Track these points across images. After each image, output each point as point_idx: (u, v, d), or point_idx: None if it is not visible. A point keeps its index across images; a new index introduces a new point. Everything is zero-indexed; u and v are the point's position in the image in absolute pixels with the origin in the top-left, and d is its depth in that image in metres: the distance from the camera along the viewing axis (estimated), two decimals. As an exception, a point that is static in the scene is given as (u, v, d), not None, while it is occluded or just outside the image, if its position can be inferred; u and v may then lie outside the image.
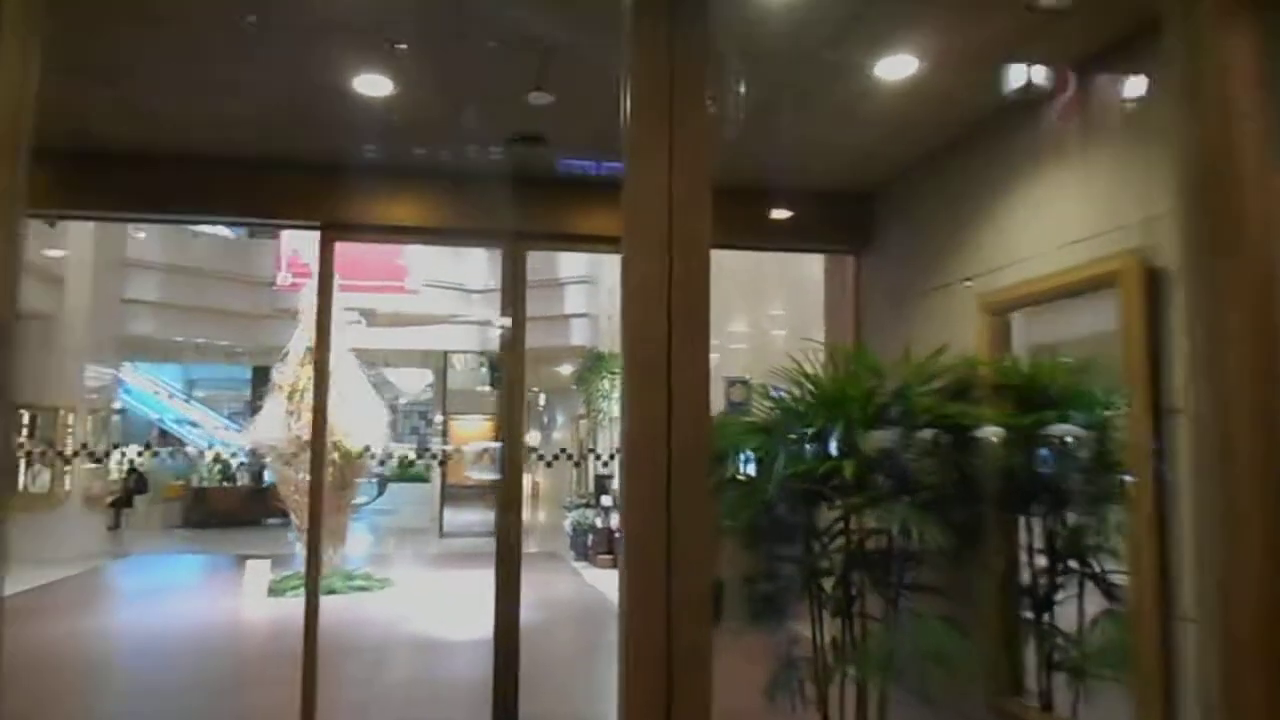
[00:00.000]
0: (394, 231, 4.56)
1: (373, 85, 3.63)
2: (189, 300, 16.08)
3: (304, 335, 11.01)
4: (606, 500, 13.31)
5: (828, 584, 3.75)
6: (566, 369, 20.62)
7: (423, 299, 16.61)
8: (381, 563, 14.30)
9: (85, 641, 8.00)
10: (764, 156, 4.50)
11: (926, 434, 3.71)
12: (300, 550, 10.85)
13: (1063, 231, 3.70)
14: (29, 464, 12.81)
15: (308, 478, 10.78)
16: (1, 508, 2.07)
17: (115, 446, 14.99)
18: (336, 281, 11.48)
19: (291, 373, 10.82)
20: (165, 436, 22.93)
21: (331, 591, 10.37)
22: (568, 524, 13.92)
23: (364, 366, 11.79)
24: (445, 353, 18.11)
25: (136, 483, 19.04)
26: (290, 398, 10.68)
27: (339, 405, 10.77)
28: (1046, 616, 4.10)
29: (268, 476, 17.08)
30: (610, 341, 14.45)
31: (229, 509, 17.24)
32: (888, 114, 4.10)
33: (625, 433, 2.12)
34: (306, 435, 10.70)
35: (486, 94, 3.74)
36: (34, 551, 12.60)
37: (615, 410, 13.76)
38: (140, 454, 19.95)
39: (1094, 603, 4.06)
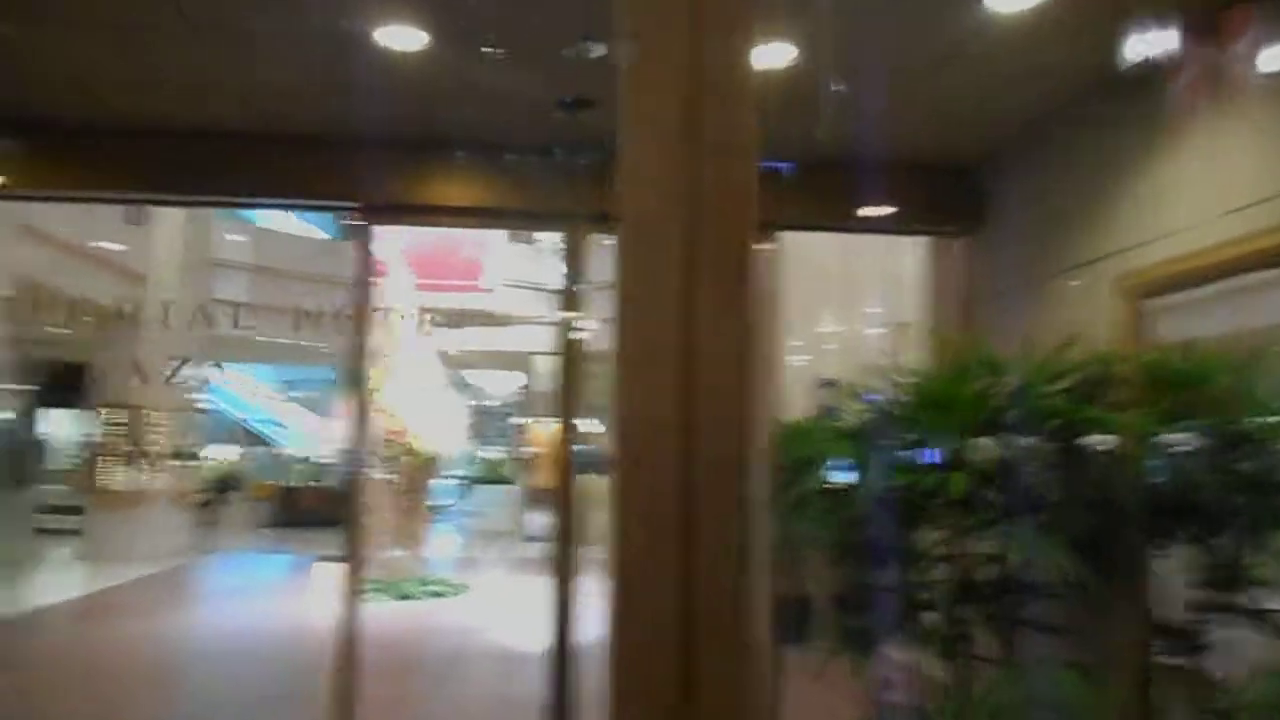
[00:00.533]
0: (442, 213, 4.13)
1: (407, 40, 3.20)
2: (277, 300, 16.13)
3: (378, 335, 10.79)
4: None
5: (929, 617, 3.14)
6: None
7: (506, 299, 16.33)
8: (462, 566, 14.06)
9: (148, 644, 7.85)
10: (855, 124, 3.92)
11: (1052, 442, 3.07)
12: (381, 554, 10.63)
13: (1228, 195, 3.02)
14: (117, 462, 12.97)
15: (384, 478, 10.64)
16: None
17: (197, 446, 15.13)
18: (409, 279, 11.27)
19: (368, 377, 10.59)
20: (258, 437, 23.32)
21: (406, 597, 10.10)
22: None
23: (443, 369, 11.52)
24: (529, 354, 17.81)
25: (229, 482, 19.32)
26: (367, 400, 10.43)
27: (412, 407, 10.53)
28: (1196, 662, 3.40)
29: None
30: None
31: (317, 508, 17.28)
32: (1000, 63, 3.48)
33: (613, 438, 1.43)
34: (382, 436, 10.53)
35: (540, 49, 3.27)
36: (122, 549, 12.75)
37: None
38: (239, 455, 20.30)
39: (1256, 647, 3.37)
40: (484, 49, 3.25)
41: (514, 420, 21.36)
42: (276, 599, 10.29)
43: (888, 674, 3.34)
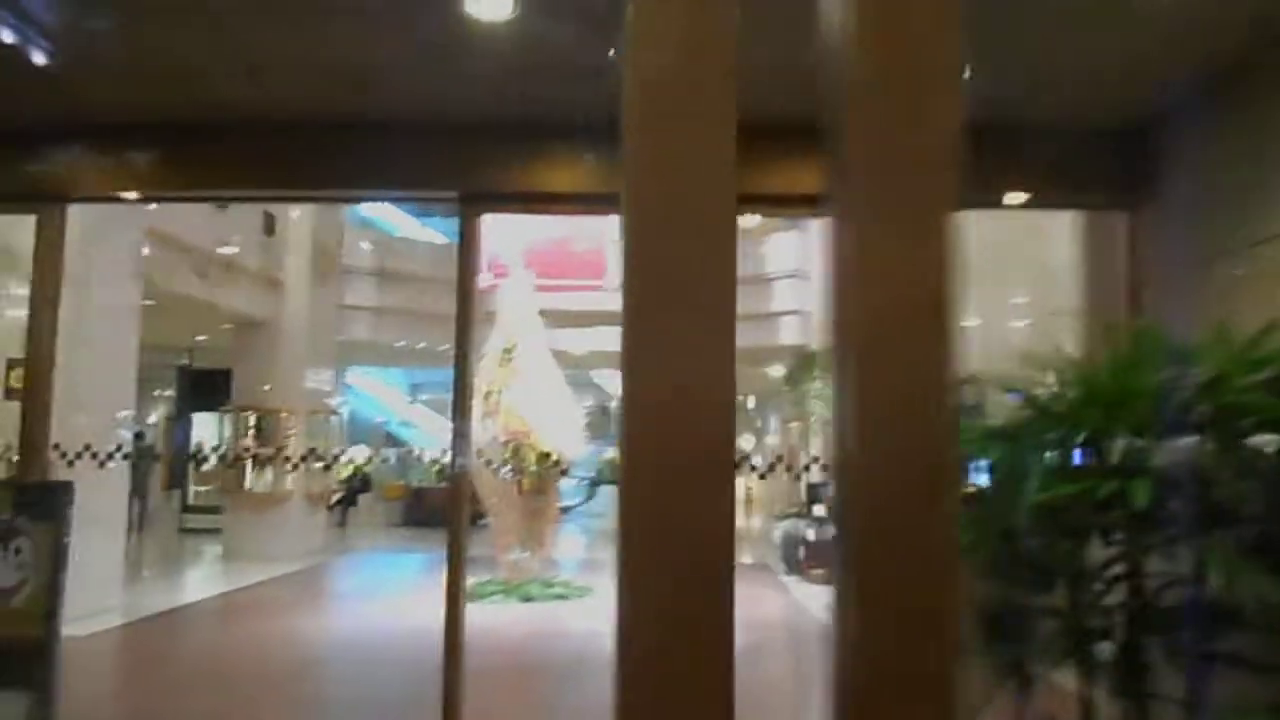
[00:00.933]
0: (544, 200, 3.89)
1: (497, 9, 2.97)
2: (404, 304, 16.49)
3: (499, 336, 10.77)
4: (819, 510, 12.29)
5: (1102, 646, 2.69)
6: (777, 370, 19.67)
7: (611, 299, 16.22)
8: (587, 569, 13.96)
9: (274, 644, 7.97)
10: (999, 82, 3.48)
11: (1253, 444, 2.57)
12: (506, 555, 10.60)
13: None
14: (255, 465, 13.43)
15: (506, 479, 10.61)
16: None
17: (333, 448, 15.53)
18: (529, 280, 11.19)
19: (487, 374, 10.57)
20: (390, 438, 23.98)
21: (528, 599, 10.03)
22: (778, 534, 13.00)
23: (561, 367, 11.39)
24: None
25: (361, 482, 19.90)
26: (486, 399, 10.42)
27: (535, 407, 10.44)
28: None
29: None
30: (822, 339, 13.41)
31: (445, 508, 17.57)
32: (1170, 10, 2.99)
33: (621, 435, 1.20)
34: (503, 437, 10.49)
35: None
36: (259, 548, 13.18)
37: (827, 413, 12.68)
38: (369, 458, 20.89)
39: None
40: (610, 54, 2.99)
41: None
42: (404, 598, 10.37)
43: (1048, 708, 2.90)
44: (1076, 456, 2.74)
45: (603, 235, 13.12)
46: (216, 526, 14.38)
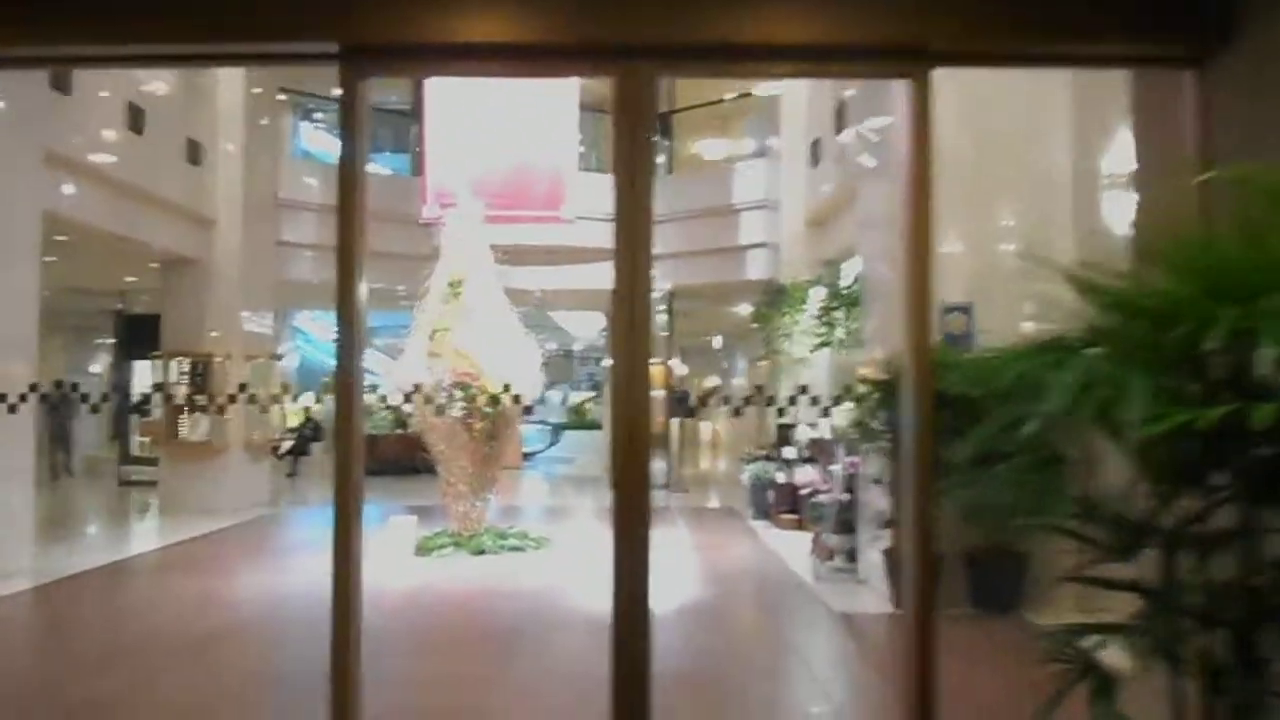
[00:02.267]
0: (453, 56, 3.00)
1: None
2: (330, 239, 15.44)
3: (445, 271, 9.90)
4: (789, 452, 11.67)
5: (1201, 642, 1.99)
6: (745, 309, 18.94)
7: (582, 231, 15.33)
8: (548, 517, 13.30)
9: (191, 610, 7.20)
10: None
11: None
12: (457, 506, 9.86)
13: None
14: (189, 411, 12.53)
15: (453, 423, 9.81)
16: None
17: (281, 394, 14.62)
18: (478, 210, 10.29)
19: (432, 311, 9.73)
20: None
21: (480, 552, 9.33)
22: (745, 478, 12.38)
23: (520, 307, 10.54)
24: (612, 291, 16.80)
25: (312, 430, 19.02)
26: (431, 338, 9.59)
27: (484, 346, 9.63)
28: None
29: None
30: (792, 273, 12.67)
31: (400, 456, 16.77)
32: None
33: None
34: (450, 379, 9.69)
35: None
36: (197, 501, 12.35)
37: (798, 350, 12.02)
38: (317, 401, 19.96)
39: None
40: None
41: (604, 363, 20.47)
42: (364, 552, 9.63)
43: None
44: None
45: (560, 160, 12.15)
46: (155, 479, 13.54)
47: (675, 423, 16.72)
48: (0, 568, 7.84)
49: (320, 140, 20.93)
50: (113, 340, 18.98)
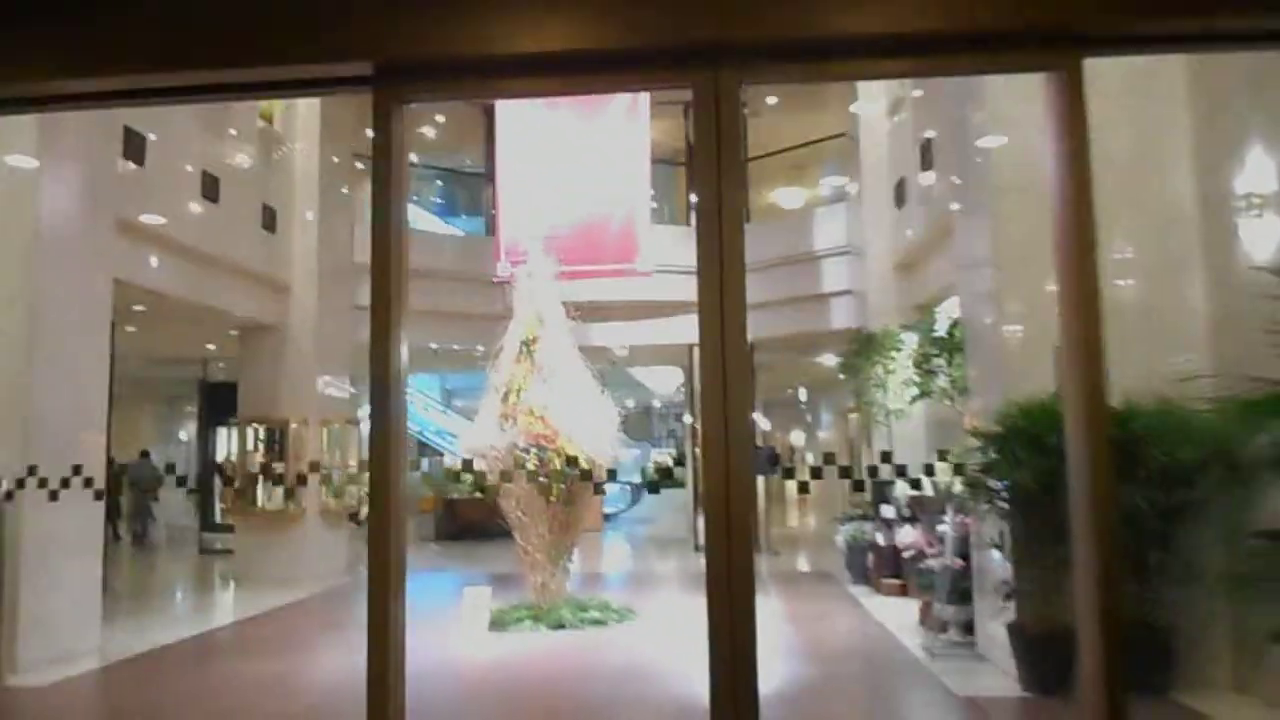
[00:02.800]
0: (503, 70, 2.54)
1: None
2: (425, 304, 15.30)
3: (517, 330, 9.52)
4: (888, 511, 10.87)
5: None
6: (829, 359, 18.22)
7: (659, 285, 14.91)
8: (630, 584, 12.68)
9: (255, 692, 6.77)
10: None
11: None
12: (534, 575, 9.34)
13: None
14: (264, 479, 12.35)
15: (527, 485, 9.34)
16: None
17: (352, 462, 14.41)
18: (551, 266, 9.93)
19: (506, 371, 9.34)
20: (424, 448, 22.89)
21: (560, 626, 8.76)
22: (841, 539, 11.60)
23: (597, 365, 10.08)
24: (690, 346, 16.28)
25: (391, 495, 18.80)
26: (505, 399, 9.19)
27: (559, 406, 9.18)
28: None
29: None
30: (880, 320, 11.98)
31: (481, 521, 16.39)
32: None
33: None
34: (523, 441, 9.25)
35: None
36: (273, 571, 12.10)
37: (892, 401, 11.28)
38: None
39: None
40: None
41: (685, 419, 19.86)
42: (420, 627, 9.16)
43: None
44: None
45: (632, 212, 11.76)
46: (231, 548, 13.39)
47: (760, 480, 15.99)
48: (67, 647, 7.59)
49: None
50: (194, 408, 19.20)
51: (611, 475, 10.46)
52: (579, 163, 11.58)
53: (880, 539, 10.70)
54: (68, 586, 7.71)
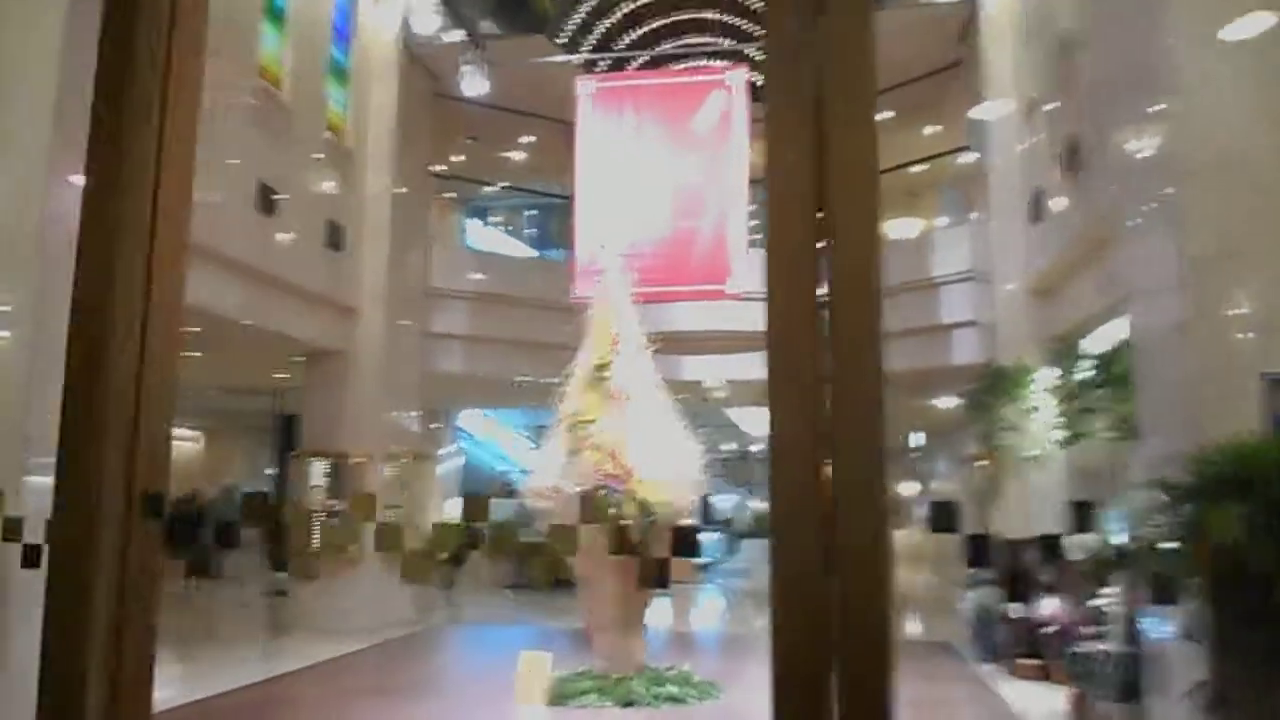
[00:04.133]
0: None
1: None
2: (499, 332, 14.34)
3: (589, 355, 8.34)
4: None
5: None
6: (946, 402, 16.46)
7: (759, 315, 13.57)
8: (719, 650, 11.22)
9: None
10: None
11: None
12: (602, 638, 8.02)
13: None
14: (327, 516, 11.41)
15: (594, 532, 8.05)
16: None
17: (432, 499, 13.44)
18: (629, 288, 8.72)
19: (574, 400, 8.14)
20: (509, 488, 21.89)
21: (629, 703, 7.40)
22: (967, 607, 9.92)
23: (684, 402, 8.77)
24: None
25: (470, 538, 17.75)
26: (571, 431, 7.98)
27: (634, 443, 7.91)
28: None
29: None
30: (1013, 352, 10.35)
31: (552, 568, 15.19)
32: None
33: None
34: (592, 480, 8.01)
35: None
36: (329, 618, 11.11)
37: (1029, 447, 9.65)
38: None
39: None
40: None
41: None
42: (475, 698, 7.95)
43: None
44: None
45: (725, 228, 10.45)
46: (286, 592, 12.52)
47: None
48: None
49: (488, 237, 20.42)
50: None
51: (684, 539, 9.06)
52: (666, 172, 10.41)
53: (1013, 611, 9.01)
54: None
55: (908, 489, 26.48)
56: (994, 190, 11.03)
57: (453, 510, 18.98)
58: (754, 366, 15.00)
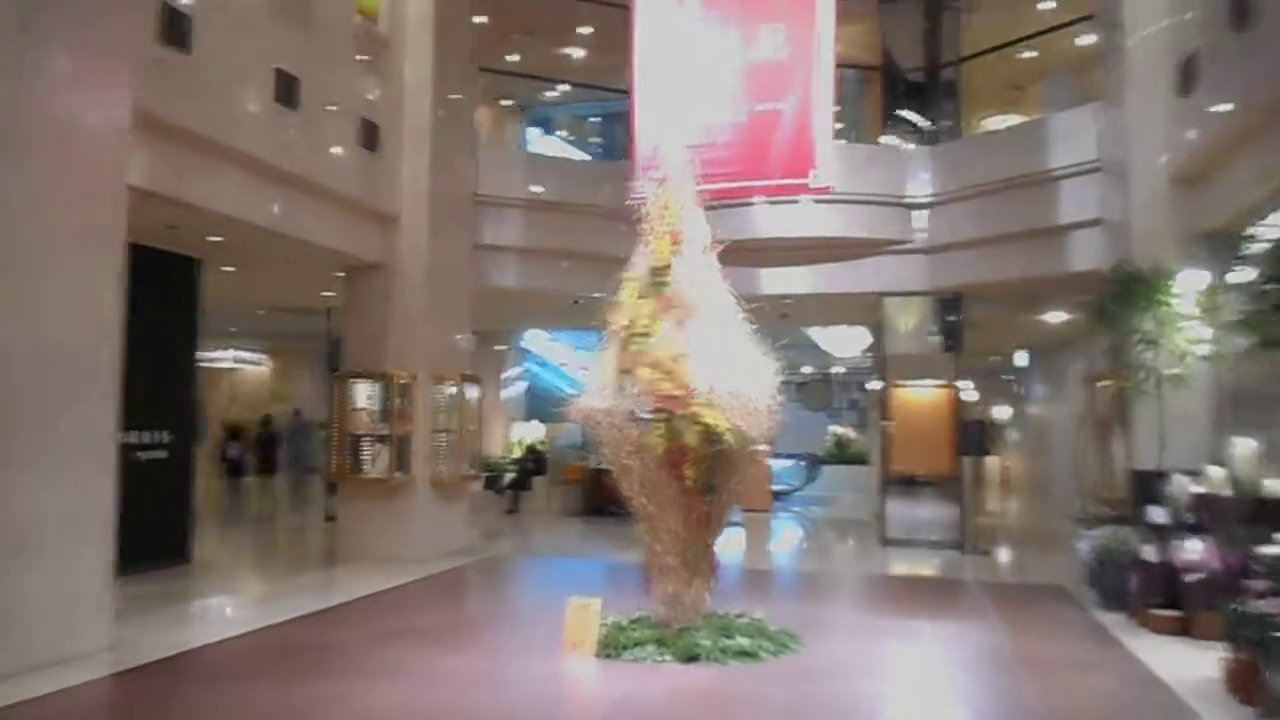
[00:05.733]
0: None
1: None
2: (558, 244, 13.19)
3: (645, 258, 7.09)
4: (1155, 514, 7.81)
5: None
6: (1055, 316, 14.85)
7: (841, 218, 12.10)
8: (800, 592, 10.15)
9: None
10: None
11: None
12: (662, 584, 6.94)
13: None
14: (372, 441, 10.59)
15: (650, 464, 6.87)
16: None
17: (469, 425, 12.54)
18: (691, 174, 7.36)
19: (628, 311, 6.95)
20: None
21: (693, 658, 6.35)
22: (1084, 546, 8.59)
23: (757, 320, 7.43)
24: (878, 295, 13.37)
25: (535, 463, 16.96)
26: (625, 345, 6.82)
27: (699, 361, 6.71)
28: None
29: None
30: (1150, 254, 8.78)
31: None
32: None
33: None
34: (647, 404, 6.88)
35: None
36: (377, 548, 10.41)
37: (1168, 364, 8.20)
38: (545, 433, 17.92)
39: None
40: None
41: (870, 385, 16.98)
42: (515, 648, 7.03)
43: None
44: None
45: (809, 113, 8.95)
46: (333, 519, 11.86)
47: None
48: (70, 647, 5.92)
49: (551, 148, 19.13)
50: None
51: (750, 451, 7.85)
52: (739, 46, 8.95)
53: (1148, 553, 7.66)
54: (66, 573, 6.02)
55: (1000, 412, 24.78)
56: (1130, 62, 9.28)
57: (520, 434, 18.18)
58: (836, 279, 13.65)
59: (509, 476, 16.58)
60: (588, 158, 19.49)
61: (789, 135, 8.78)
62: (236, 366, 23.41)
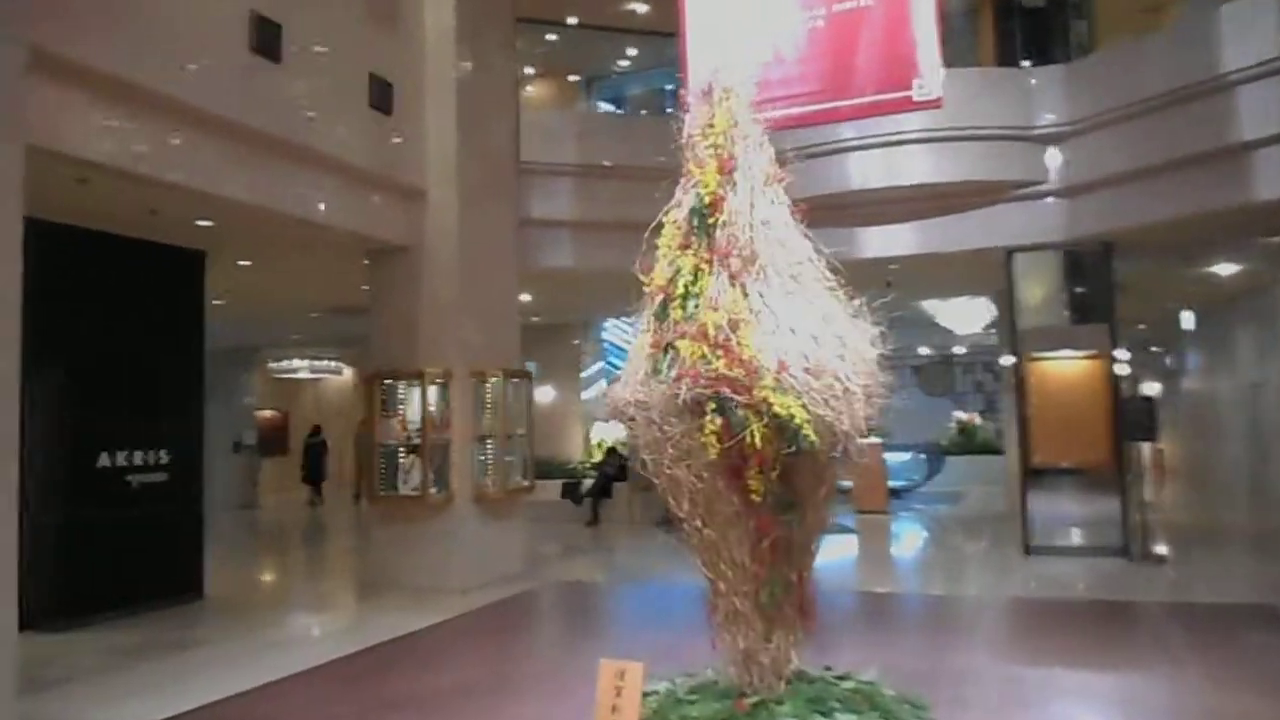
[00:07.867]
0: None
1: None
2: (621, 215, 11.45)
3: (689, 195, 5.28)
4: None
5: None
6: (1225, 268, 12.32)
7: (950, 159, 9.98)
8: (925, 621, 8.18)
9: None
10: None
11: None
12: (730, 632, 5.08)
13: None
14: (406, 452, 9.10)
15: (701, 470, 4.90)
16: None
17: (518, 429, 10.94)
18: (746, 94, 5.41)
19: (665, 268, 5.16)
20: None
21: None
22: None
23: (857, 288, 5.47)
24: (1008, 251, 11.15)
25: (617, 468, 15.30)
26: (660, 316, 5.02)
27: (764, 330, 4.88)
28: None
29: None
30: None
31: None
32: None
33: None
34: (692, 384, 5.08)
35: None
36: (409, 575, 8.93)
37: None
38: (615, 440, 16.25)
39: None
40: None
41: (1002, 362, 14.62)
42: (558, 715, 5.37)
43: None
44: None
45: (909, 18, 6.92)
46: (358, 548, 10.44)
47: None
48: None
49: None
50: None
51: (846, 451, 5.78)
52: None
53: None
54: None
55: (1150, 388, 21.79)
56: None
57: (600, 436, 16.60)
58: (951, 235, 11.46)
59: (588, 484, 14.99)
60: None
61: (880, 37, 6.80)
62: (316, 377, 22.57)
